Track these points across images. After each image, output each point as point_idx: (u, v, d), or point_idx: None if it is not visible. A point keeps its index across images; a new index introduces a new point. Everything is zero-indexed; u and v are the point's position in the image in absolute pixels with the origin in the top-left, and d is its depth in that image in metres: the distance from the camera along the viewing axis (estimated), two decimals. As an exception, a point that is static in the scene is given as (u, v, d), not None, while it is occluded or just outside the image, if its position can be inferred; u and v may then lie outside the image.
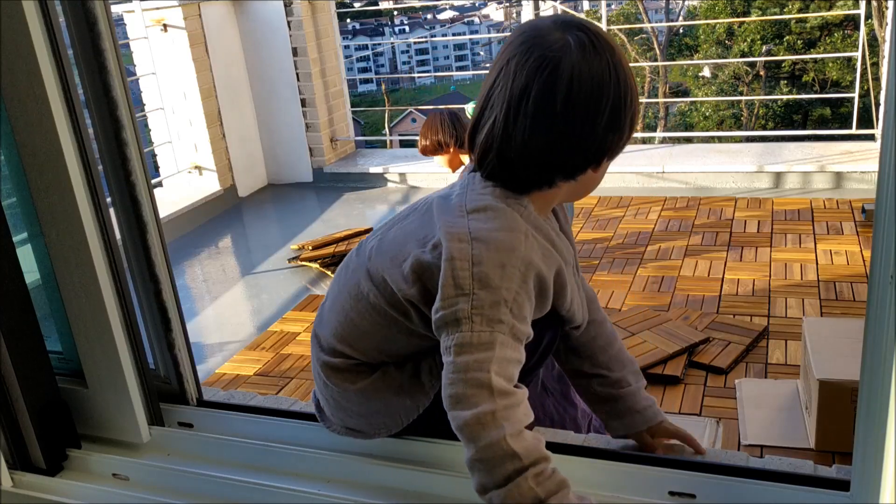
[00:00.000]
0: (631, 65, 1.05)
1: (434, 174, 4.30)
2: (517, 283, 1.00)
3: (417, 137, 2.91)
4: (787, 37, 13.24)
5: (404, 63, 52.38)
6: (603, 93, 0.98)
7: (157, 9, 4.04)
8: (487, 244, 0.99)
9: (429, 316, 1.03)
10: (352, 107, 4.95)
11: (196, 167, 4.30)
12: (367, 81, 41.00)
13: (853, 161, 3.76)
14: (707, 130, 12.50)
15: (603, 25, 4.95)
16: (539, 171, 1.02)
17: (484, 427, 0.94)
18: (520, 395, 0.99)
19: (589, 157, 1.02)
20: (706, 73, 13.34)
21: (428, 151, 2.89)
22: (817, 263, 2.85)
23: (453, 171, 2.95)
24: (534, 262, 1.02)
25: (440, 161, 2.91)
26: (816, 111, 14.19)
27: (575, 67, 0.97)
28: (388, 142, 8.97)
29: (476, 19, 49.88)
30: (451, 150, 2.86)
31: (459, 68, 50.06)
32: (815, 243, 3.02)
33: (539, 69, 0.97)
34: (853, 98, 4.11)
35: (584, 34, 0.99)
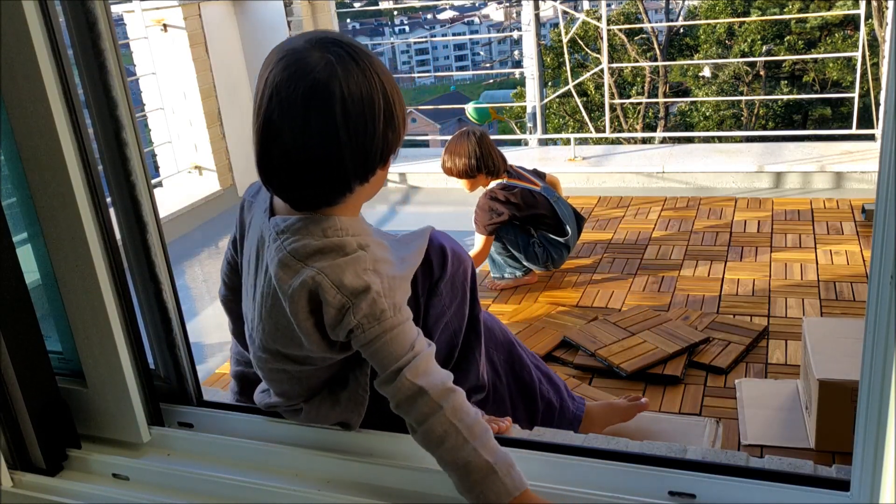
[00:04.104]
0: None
1: (433, 174, 4.30)
2: (379, 276, 1.11)
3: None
4: (788, 37, 13.22)
5: (404, 63, 52.36)
6: (374, 99, 1.06)
7: (157, 9, 4.04)
8: (336, 266, 1.09)
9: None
10: (352, 107, 4.94)
11: (196, 167, 4.30)
12: (367, 81, 40.89)
13: (853, 161, 3.76)
14: (707, 130, 12.50)
15: (603, 25, 4.96)
16: (338, 181, 1.09)
17: (390, 381, 1.09)
18: (418, 349, 1.10)
19: (376, 158, 1.10)
20: (706, 73, 13.32)
21: (454, 174, 2.87)
22: (817, 263, 2.85)
23: (471, 192, 2.94)
24: (379, 255, 1.14)
25: (463, 183, 2.90)
26: (816, 111, 14.18)
27: (343, 83, 1.03)
28: (388, 142, 8.96)
29: (476, 19, 49.85)
30: (480, 176, 2.85)
31: (459, 68, 50.05)
32: (815, 243, 3.02)
33: (312, 92, 1.03)
34: (853, 98, 4.11)
35: (340, 49, 1.06)
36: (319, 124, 1.04)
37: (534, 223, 2.85)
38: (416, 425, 1.09)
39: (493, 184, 2.85)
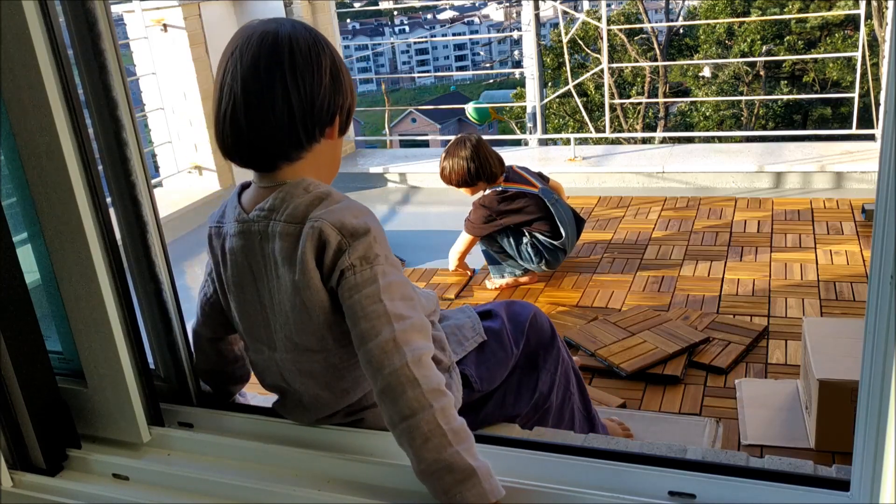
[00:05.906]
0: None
1: (434, 174, 4.30)
2: (376, 220, 1.13)
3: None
4: (788, 37, 13.24)
5: (404, 63, 52.39)
6: (320, 56, 1.12)
7: (157, 9, 4.04)
8: (331, 212, 1.10)
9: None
10: (352, 107, 4.94)
11: (196, 167, 4.30)
12: (367, 81, 41.02)
13: (853, 161, 3.76)
14: (707, 130, 12.50)
15: (603, 25, 4.95)
16: (288, 130, 1.11)
17: (387, 354, 1.04)
18: (416, 319, 1.08)
19: (323, 113, 1.13)
20: (706, 73, 13.33)
21: (453, 184, 2.86)
22: (817, 263, 2.85)
23: (472, 196, 2.93)
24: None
25: (463, 190, 2.90)
26: (816, 111, 14.19)
27: (291, 35, 1.11)
28: (388, 142, 8.98)
29: (476, 19, 49.86)
30: (480, 183, 2.85)
31: (459, 68, 50.08)
32: (815, 243, 3.02)
33: (261, 44, 1.11)
34: (853, 98, 4.11)
35: (291, 21, 1.15)
36: (268, 67, 1.09)
37: (528, 225, 2.85)
38: (401, 419, 1.03)
39: (489, 189, 2.85)
